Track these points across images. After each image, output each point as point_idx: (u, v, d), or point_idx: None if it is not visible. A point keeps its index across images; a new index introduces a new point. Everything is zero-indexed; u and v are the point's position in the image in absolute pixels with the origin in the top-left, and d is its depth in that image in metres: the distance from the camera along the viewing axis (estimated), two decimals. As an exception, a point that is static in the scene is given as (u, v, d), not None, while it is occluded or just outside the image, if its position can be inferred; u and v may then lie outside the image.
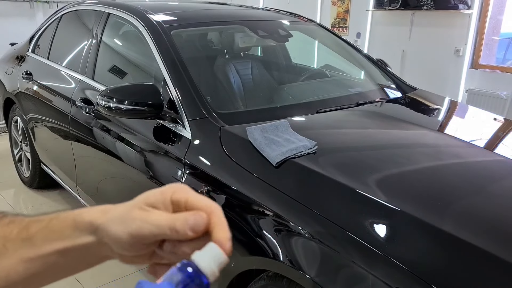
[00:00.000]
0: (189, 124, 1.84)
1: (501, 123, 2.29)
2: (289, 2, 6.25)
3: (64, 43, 3.11)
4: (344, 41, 2.91)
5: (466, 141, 1.94)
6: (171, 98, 1.95)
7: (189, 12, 2.61)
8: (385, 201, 1.35)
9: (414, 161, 1.68)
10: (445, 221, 1.29)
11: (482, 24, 4.62)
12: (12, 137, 3.79)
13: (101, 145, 2.31)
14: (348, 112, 2.10)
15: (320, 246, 1.27)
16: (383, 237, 1.27)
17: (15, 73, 3.44)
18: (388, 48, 5.35)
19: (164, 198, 0.49)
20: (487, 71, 4.64)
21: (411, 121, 2.14)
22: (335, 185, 1.45)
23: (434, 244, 1.24)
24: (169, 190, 0.50)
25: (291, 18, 2.91)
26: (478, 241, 1.20)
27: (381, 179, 1.53)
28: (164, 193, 0.50)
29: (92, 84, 2.51)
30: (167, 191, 0.50)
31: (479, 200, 1.45)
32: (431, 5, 4.72)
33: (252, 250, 1.44)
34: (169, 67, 2.03)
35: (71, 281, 2.44)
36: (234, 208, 1.55)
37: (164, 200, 0.49)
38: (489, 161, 1.80)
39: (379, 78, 2.64)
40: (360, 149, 1.76)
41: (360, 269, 1.17)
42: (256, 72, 2.58)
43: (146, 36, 2.20)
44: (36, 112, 3.08)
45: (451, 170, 1.63)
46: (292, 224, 1.35)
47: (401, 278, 1.12)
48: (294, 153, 1.56)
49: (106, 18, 2.61)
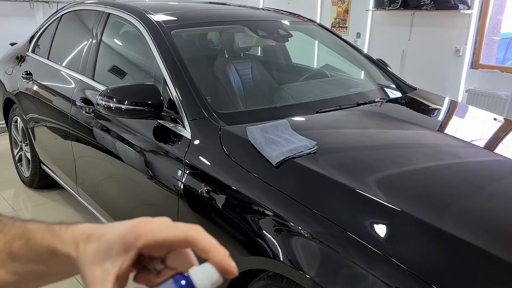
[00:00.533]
0: (189, 124, 1.84)
1: (501, 123, 2.29)
2: (289, 2, 6.25)
3: (64, 43, 3.11)
4: (344, 41, 2.91)
5: (466, 141, 1.94)
6: (171, 98, 1.95)
7: (189, 12, 2.61)
8: (385, 201, 1.35)
9: (414, 161, 1.68)
10: (445, 221, 1.29)
11: (482, 24, 4.62)
12: (12, 137, 3.79)
13: (101, 145, 2.31)
14: (348, 112, 2.10)
15: (320, 246, 1.27)
16: (383, 237, 1.27)
17: (15, 73, 3.44)
18: (388, 48, 5.35)
19: (127, 247, 0.46)
20: (487, 71, 4.64)
21: (411, 121, 2.14)
22: (335, 185, 1.45)
23: (434, 244, 1.24)
24: (131, 236, 0.46)
25: (291, 18, 2.91)
26: (478, 241, 1.20)
27: (381, 179, 1.53)
28: (126, 243, 0.46)
29: (92, 84, 2.51)
30: (129, 239, 0.46)
31: (479, 200, 1.45)
32: (431, 5, 4.72)
33: (252, 250, 1.44)
34: (169, 67, 2.02)
35: (71, 282, 2.44)
36: (234, 208, 1.54)
37: (127, 248, 0.46)
38: (489, 161, 1.80)
39: (379, 78, 2.64)
40: (360, 149, 1.76)
41: (360, 269, 1.16)
42: (256, 72, 2.58)
43: (146, 36, 2.20)
44: (36, 112, 3.08)
45: (451, 170, 1.63)
46: (292, 224, 1.35)
47: (401, 278, 1.12)
48: (294, 153, 1.56)
49: (106, 18, 2.61)
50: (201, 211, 1.69)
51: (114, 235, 0.47)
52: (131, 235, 0.46)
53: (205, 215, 1.67)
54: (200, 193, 1.66)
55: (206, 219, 1.67)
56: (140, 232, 0.46)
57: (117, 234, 0.47)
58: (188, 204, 1.72)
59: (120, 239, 0.46)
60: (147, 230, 0.46)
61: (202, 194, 1.65)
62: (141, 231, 0.46)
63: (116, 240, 0.46)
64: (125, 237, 0.46)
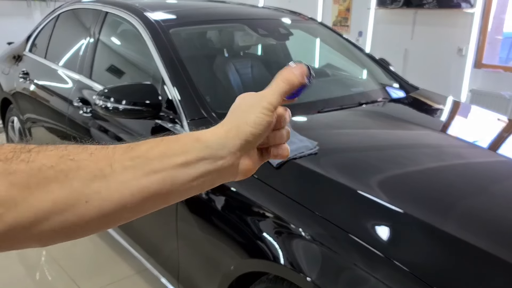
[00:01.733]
0: (188, 125, 1.81)
1: (505, 123, 2.26)
2: (290, 1, 6.22)
3: (62, 42, 3.09)
4: (345, 40, 2.88)
5: (469, 141, 1.92)
6: (170, 98, 1.92)
7: (188, 11, 2.59)
8: (387, 202, 1.34)
9: (416, 162, 1.66)
10: (447, 223, 1.27)
11: (485, 23, 4.58)
12: (9, 138, 3.76)
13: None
14: (350, 112, 2.08)
15: (321, 248, 1.25)
16: (384, 239, 1.26)
17: (12, 72, 3.41)
18: (391, 47, 5.32)
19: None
20: (490, 71, 4.61)
21: (413, 121, 2.12)
22: (336, 187, 1.43)
23: (437, 246, 1.23)
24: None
25: (292, 17, 2.89)
26: (481, 243, 1.19)
27: (383, 180, 1.52)
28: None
29: (90, 84, 2.49)
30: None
31: (482, 202, 1.43)
32: (434, 4, 4.70)
33: (252, 253, 1.43)
34: (167, 67, 2.00)
35: (68, 283, 2.42)
36: (234, 210, 1.54)
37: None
38: (492, 162, 1.79)
39: (381, 77, 2.62)
40: (362, 150, 1.74)
41: (361, 271, 1.15)
42: (256, 71, 2.55)
43: (144, 35, 2.17)
44: (33, 112, 3.05)
45: (454, 171, 1.62)
46: (293, 226, 1.34)
47: (403, 280, 1.11)
48: (295, 153, 1.53)
49: (104, 17, 2.59)
50: (200, 213, 1.67)
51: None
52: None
53: (205, 217, 1.65)
54: (199, 195, 1.63)
55: (205, 221, 1.64)
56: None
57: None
58: (187, 206, 1.70)
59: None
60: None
61: (201, 196, 1.62)
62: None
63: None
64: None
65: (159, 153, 0.46)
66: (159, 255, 2.03)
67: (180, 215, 1.73)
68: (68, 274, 2.50)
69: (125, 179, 0.44)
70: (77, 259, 2.63)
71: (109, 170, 0.44)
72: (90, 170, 0.43)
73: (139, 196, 0.45)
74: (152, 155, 0.46)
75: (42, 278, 2.50)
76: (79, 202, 0.42)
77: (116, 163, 0.44)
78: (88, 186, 0.42)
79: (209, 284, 1.67)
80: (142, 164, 0.45)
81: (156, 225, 1.97)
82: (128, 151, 0.45)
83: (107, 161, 0.44)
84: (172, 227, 1.77)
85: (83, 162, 0.43)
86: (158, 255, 2.04)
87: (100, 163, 0.44)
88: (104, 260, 2.64)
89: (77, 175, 0.42)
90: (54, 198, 0.41)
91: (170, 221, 1.77)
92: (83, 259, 2.64)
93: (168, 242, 1.87)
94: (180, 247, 1.78)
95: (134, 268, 2.53)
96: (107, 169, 0.43)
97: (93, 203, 0.42)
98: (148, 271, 2.31)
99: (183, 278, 1.84)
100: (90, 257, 2.67)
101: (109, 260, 2.64)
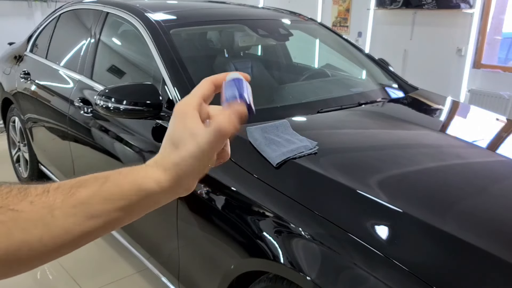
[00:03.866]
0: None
1: (504, 123, 2.27)
2: (290, 1, 6.23)
3: (62, 42, 3.09)
4: (345, 40, 2.89)
5: (468, 141, 1.92)
6: (170, 98, 1.93)
7: (188, 11, 2.59)
8: (387, 202, 1.34)
9: (415, 161, 1.66)
10: (447, 222, 1.27)
11: (484, 24, 4.59)
12: (10, 138, 3.77)
13: (100, 145, 2.29)
14: (350, 112, 2.08)
15: (321, 247, 1.25)
16: (384, 238, 1.26)
17: (13, 73, 3.42)
18: (390, 47, 5.33)
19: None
20: (489, 71, 4.62)
21: (413, 121, 2.12)
22: (336, 186, 1.43)
23: (436, 245, 1.23)
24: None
25: (292, 17, 2.89)
26: (480, 243, 1.19)
27: (382, 180, 1.52)
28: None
29: (91, 84, 2.49)
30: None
31: (481, 201, 1.43)
32: (433, 4, 4.71)
33: (252, 252, 1.43)
34: (168, 67, 2.01)
35: (69, 283, 2.42)
36: (234, 210, 1.53)
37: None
38: (491, 161, 1.79)
39: (381, 77, 2.62)
40: (362, 150, 1.74)
41: (361, 270, 1.15)
42: (256, 72, 2.56)
43: (145, 35, 2.18)
44: (34, 112, 3.06)
45: (453, 171, 1.62)
46: (293, 226, 1.34)
47: (402, 280, 1.11)
48: (294, 153, 1.54)
49: (105, 17, 2.60)
50: (201, 213, 1.67)
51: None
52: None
53: (205, 216, 1.65)
54: (199, 194, 1.64)
55: (205, 220, 1.65)
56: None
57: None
58: (187, 205, 1.70)
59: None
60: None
61: (202, 195, 1.63)
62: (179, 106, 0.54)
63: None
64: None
65: (100, 199, 0.47)
66: (160, 254, 2.04)
67: (180, 215, 1.74)
68: (69, 273, 2.51)
69: (67, 225, 0.45)
70: (78, 258, 2.64)
71: (49, 218, 0.45)
72: (31, 219, 0.44)
73: (82, 238, 0.47)
74: (94, 200, 0.47)
75: (43, 277, 2.51)
76: (21, 250, 0.43)
77: (56, 210, 0.45)
78: (29, 233, 0.43)
79: (209, 283, 1.68)
80: (84, 210, 0.46)
81: (156, 225, 1.97)
82: (68, 197, 0.47)
83: (48, 209, 0.45)
84: (173, 226, 1.77)
85: (23, 214, 0.44)
86: (159, 254, 2.05)
87: (41, 212, 0.45)
88: (104, 259, 2.65)
89: (17, 226, 0.43)
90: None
91: (170, 220, 1.77)
92: (83, 259, 2.65)
93: (168, 241, 1.88)
94: (181, 247, 1.79)
95: (134, 268, 2.54)
96: (48, 217, 0.45)
97: (35, 248, 0.44)
98: (148, 270, 2.32)
99: (184, 277, 1.85)
100: (91, 256, 2.68)
101: (110, 259, 2.65)
